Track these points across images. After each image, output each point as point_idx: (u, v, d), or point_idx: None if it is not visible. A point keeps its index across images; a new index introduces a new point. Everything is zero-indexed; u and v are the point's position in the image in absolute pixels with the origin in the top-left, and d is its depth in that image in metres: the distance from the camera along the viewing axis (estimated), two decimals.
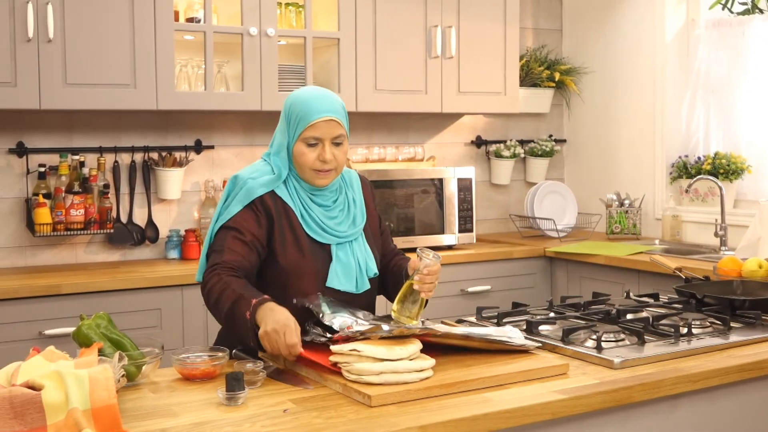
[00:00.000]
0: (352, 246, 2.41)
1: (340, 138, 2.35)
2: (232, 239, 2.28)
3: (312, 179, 2.36)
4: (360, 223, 2.45)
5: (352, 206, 2.46)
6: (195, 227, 4.14)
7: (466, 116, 4.91)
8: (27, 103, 3.49)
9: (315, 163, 2.33)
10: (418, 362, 1.95)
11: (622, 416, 1.99)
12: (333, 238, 2.38)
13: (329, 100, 2.36)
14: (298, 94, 2.40)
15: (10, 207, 3.82)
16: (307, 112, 2.32)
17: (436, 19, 4.35)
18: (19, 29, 3.45)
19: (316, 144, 2.33)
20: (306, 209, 2.37)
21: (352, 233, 2.41)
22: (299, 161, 2.34)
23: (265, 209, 2.33)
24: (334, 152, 2.34)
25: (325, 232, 2.37)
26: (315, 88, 2.45)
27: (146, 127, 4.08)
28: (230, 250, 2.27)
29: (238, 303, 2.14)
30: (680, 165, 4.61)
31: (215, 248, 2.30)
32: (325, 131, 2.33)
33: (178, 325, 3.57)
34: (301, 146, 2.33)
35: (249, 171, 2.40)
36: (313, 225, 2.36)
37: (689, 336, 2.35)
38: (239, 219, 2.31)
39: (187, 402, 1.87)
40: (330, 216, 2.40)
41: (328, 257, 2.38)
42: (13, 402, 1.62)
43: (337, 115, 2.35)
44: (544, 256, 4.42)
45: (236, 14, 3.94)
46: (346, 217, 2.43)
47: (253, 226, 2.31)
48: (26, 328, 3.30)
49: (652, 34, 4.69)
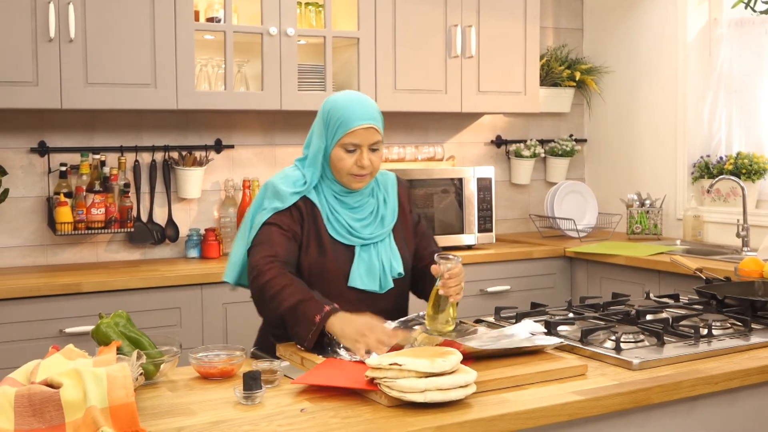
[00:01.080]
0: (377, 246, 2.46)
1: (377, 144, 2.42)
2: (276, 233, 2.37)
3: (348, 183, 2.43)
4: (389, 223, 2.50)
5: (382, 207, 2.51)
6: (215, 226, 4.16)
7: (486, 116, 4.90)
8: (48, 102, 3.52)
9: (353, 168, 2.40)
10: (462, 376, 1.82)
11: (640, 418, 1.98)
12: (357, 240, 2.44)
13: (367, 107, 2.42)
14: (336, 99, 2.45)
15: (31, 206, 3.85)
16: (346, 119, 2.38)
17: (456, 19, 4.34)
18: (41, 29, 3.47)
19: (354, 150, 2.40)
20: (333, 211, 2.44)
21: (378, 234, 2.46)
22: (337, 166, 2.41)
23: (296, 207, 2.42)
24: (371, 158, 2.41)
25: (350, 234, 2.43)
26: (353, 93, 2.49)
27: (167, 127, 4.10)
28: (279, 244, 2.36)
29: (308, 304, 2.21)
30: (702, 165, 4.58)
31: (262, 240, 2.37)
32: (363, 138, 2.39)
33: (198, 323, 3.58)
34: (339, 152, 2.40)
35: (281, 179, 2.46)
36: (337, 227, 2.43)
37: (709, 337, 2.33)
38: (276, 216, 2.39)
39: (205, 400, 1.88)
40: (357, 218, 2.46)
41: (351, 257, 2.43)
42: (33, 400, 1.63)
43: (375, 122, 2.41)
44: (564, 256, 4.40)
45: (256, 14, 3.95)
46: (374, 219, 2.48)
47: (290, 221, 2.39)
48: (47, 326, 3.33)
49: (674, 33, 4.66)
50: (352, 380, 1.90)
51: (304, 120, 4.38)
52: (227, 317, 3.62)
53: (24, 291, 3.30)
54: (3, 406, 1.61)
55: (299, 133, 4.39)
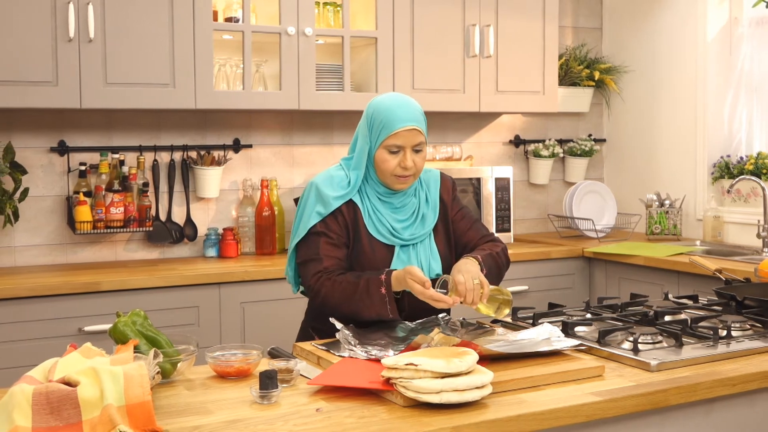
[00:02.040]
0: (416, 247, 2.50)
1: (420, 145, 2.45)
2: (324, 244, 2.44)
3: (392, 184, 2.47)
4: (430, 223, 2.54)
5: (424, 206, 2.55)
6: (233, 226, 4.17)
7: (504, 115, 4.89)
8: (68, 102, 3.54)
9: (396, 169, 2.43)
10: (478, 377, 1.81)
11: (657, 419, 1.96)
12: (397, 241, 2.48)
13: (410, 109, 2.45)
14: (380, 101, 2.48)
15: (51, 205, 3.88)
16: (390, 121, 2.41)
17: (474, 18, 4.34)
18: (61, 29, 3.50)
19: (398, 151, 2.43)
20: (375, 211, 2.48)
21: (419, 235, 2.50)
22: (381, 167, 2.45)
23: (339, 211, 2.46)
24: (414, 159, 2.44)
25: (391, 235, 2.48)
26: (396, 95, 2.51)
27: (185, 126, 4.12)
28: (326, 256, 2.43)
29: (369, 286, 2.34)
30: (722, 165, 4.55)
31: (311, 256, 2.44)
32: (406, 139, 2.42)
33: (215, 322, 3.60)
34: (383, 153, 2.43)
35: (323, 181, 2.50)
36: (379, 227, 2.47)
37: (728, 339, 2.31)
38: (321, 224, 2.45)
39: (221, 399, 1.88)
40: (398, 218, 2.50)
41: (390, 257, 2.47)
42: (50, 398, 1.64)
43: (418, 123, 2.44)
44: (582, 256, 4.38)
45: (274, 14, 3.96)
46: (415, 219, 2.52)
47: (336, 226, 2.45)
48: (66, 325, 3.35)
49: (694, 32, 4.63)
50: (367, 380, 1.90)
51: (322, 120, 4.39)
52: (245, 316, 3.63)
53: (44, 289, 3.32)
54: (21, 403, 1.62)
55: (317, 133, 4.40)
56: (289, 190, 4.34)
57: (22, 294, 3.28)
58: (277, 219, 4.16)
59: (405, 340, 2.27)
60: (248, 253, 4.16)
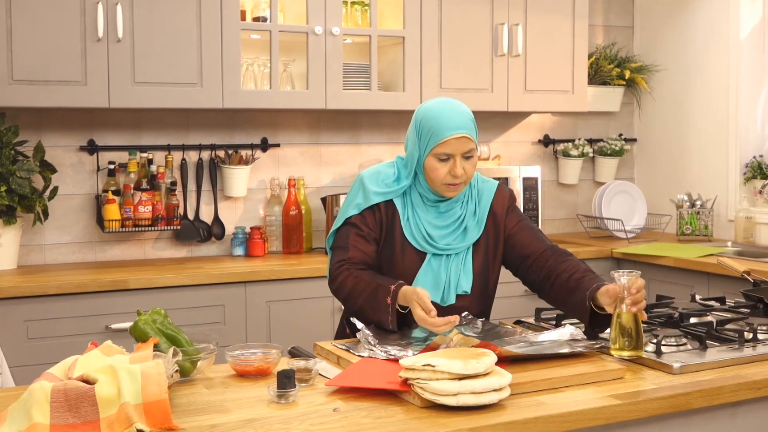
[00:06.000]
0: (449, 258, 2.44)
1: (471, 152, 2.39)
2: (354, 236, 2.43)
3: (443, 192, 2.42)
4: (471, 237, 2.47)
5: (470, 218, 2.48)
6: (260, 225, 4.19)
7: (533, 115, 4.86)
8: (97, 101, 3.57)
9: (446, 177, 2.38)
10: (496, 379, 1.79)
11: (679, 423, 1.94)
12: (431, 249, 2.43)
13: (459, 115, 2.38)
14: (428, 108, 2.42)
15: (80, 203, 3.91)
16: (438, 129, 2.36)
17: (502, 17, 4.31)
18: (90, 29, 3.53)
19: (448, 159, 2.37)
20: (414, 215, 2.44)
21: (455, 247, 2.44)
22: (431, 175, 2.40)
23: (378, 207, 2.45)
24: (464, 166, 2.38)
25: (426, 242, 2.43)
26: (444, 100, 2.45)
27: (213, 126, 4.14)
28: (353, 247, 2.42)
29: (377, 290, 2.32)
30: (754, 165, 4.49)
31: (339, 244, 2.46)
32: (456, 147, 2.36)
33: (241, 321, 3.61)
34: (432, 161, 2.38)
35: (369, 176, 2.49)
36: (415, 232, 2.44)
37: (754, 342, 2.27)
38: (358, 216, 2.45)
39: (240, 398, 1.88)
40: (437, 225, 2.45)
41: (421, 263, 2.44)
42: (68, 395, 1.65)
43: (468, 130, 2.37)
44: (611, 257, 4.34)
45: (302, 13, 3.96)
46: (456, 228, 2.46)
47: (371, 220, 2.45)
48: (93, 322, 3.38)
49: (726, 31, 4.57)
50: (386, 381, 1.90)
51: (350, 119, 4.39)
52: (270, 315, 3.64)
53: (72, 287, 3.36)
54: (39, 400, 1.64)
55: (344, 132, 4.40)
56: (316, 189, 4.35)
57: (50, 291, 3.32)
58: (304, 218, 4.17)
59: (425, 340, 2.26)
60: (275, 252, 4.17)
